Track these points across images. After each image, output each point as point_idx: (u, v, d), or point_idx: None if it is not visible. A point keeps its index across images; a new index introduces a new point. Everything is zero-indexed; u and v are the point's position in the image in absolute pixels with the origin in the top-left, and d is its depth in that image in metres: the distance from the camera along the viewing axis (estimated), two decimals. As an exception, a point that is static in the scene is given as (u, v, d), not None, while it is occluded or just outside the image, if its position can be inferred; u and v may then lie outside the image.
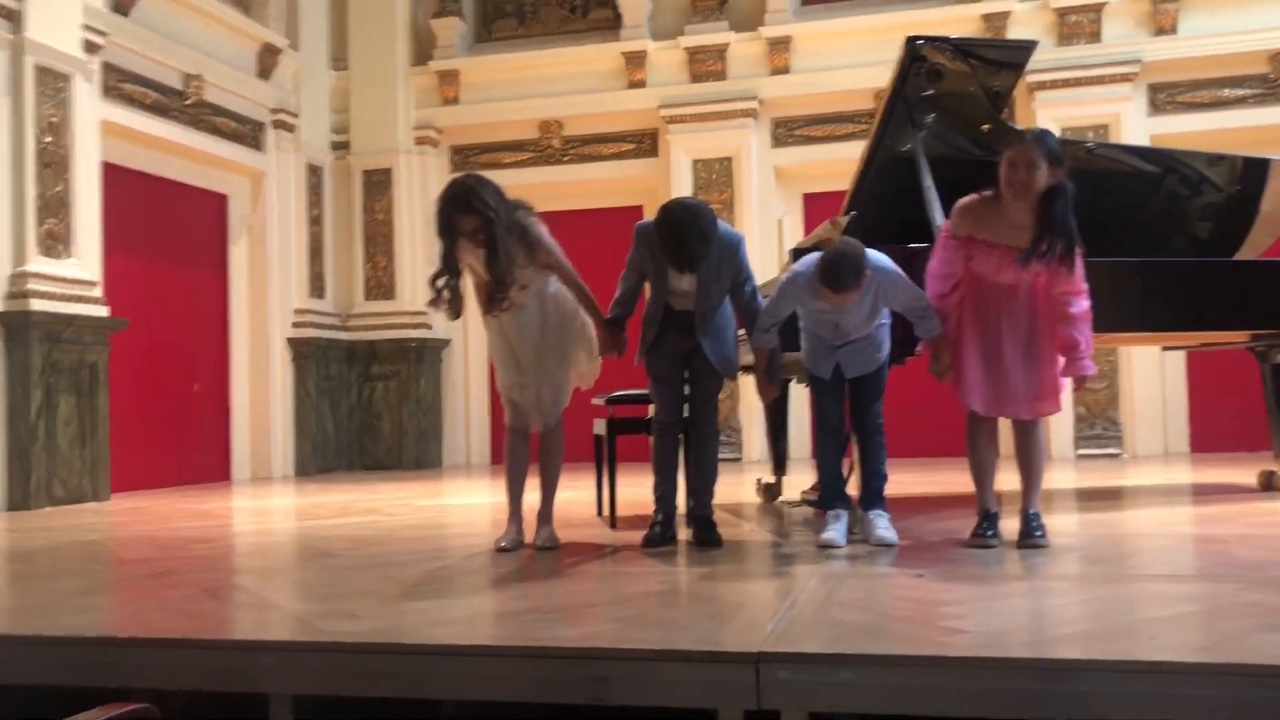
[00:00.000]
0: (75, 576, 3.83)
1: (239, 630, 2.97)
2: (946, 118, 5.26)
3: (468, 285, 4.09)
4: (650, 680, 2.41)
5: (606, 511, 4.96)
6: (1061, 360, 3.87)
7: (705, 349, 4.12)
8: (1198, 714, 2.16)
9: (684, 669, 2.40)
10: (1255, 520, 4.54)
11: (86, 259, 7.16)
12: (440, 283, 3.94)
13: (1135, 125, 8.94)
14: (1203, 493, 5.94)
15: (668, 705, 2.43)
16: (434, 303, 3.98)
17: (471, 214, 3.85)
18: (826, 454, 4.20)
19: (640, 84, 9.95)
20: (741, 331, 4.30)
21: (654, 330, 4.19)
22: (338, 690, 2.59)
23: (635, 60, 9.97)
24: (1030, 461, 3.94)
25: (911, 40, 4.76)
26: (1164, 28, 9.01)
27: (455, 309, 4.01)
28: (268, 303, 9.39)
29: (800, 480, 6.02)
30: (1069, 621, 2.67)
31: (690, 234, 3.88)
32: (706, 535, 4.15)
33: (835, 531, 4.01)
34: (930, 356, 4.00)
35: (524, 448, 4.27)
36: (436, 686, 2.54)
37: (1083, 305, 3.80)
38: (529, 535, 4.21)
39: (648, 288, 4.28)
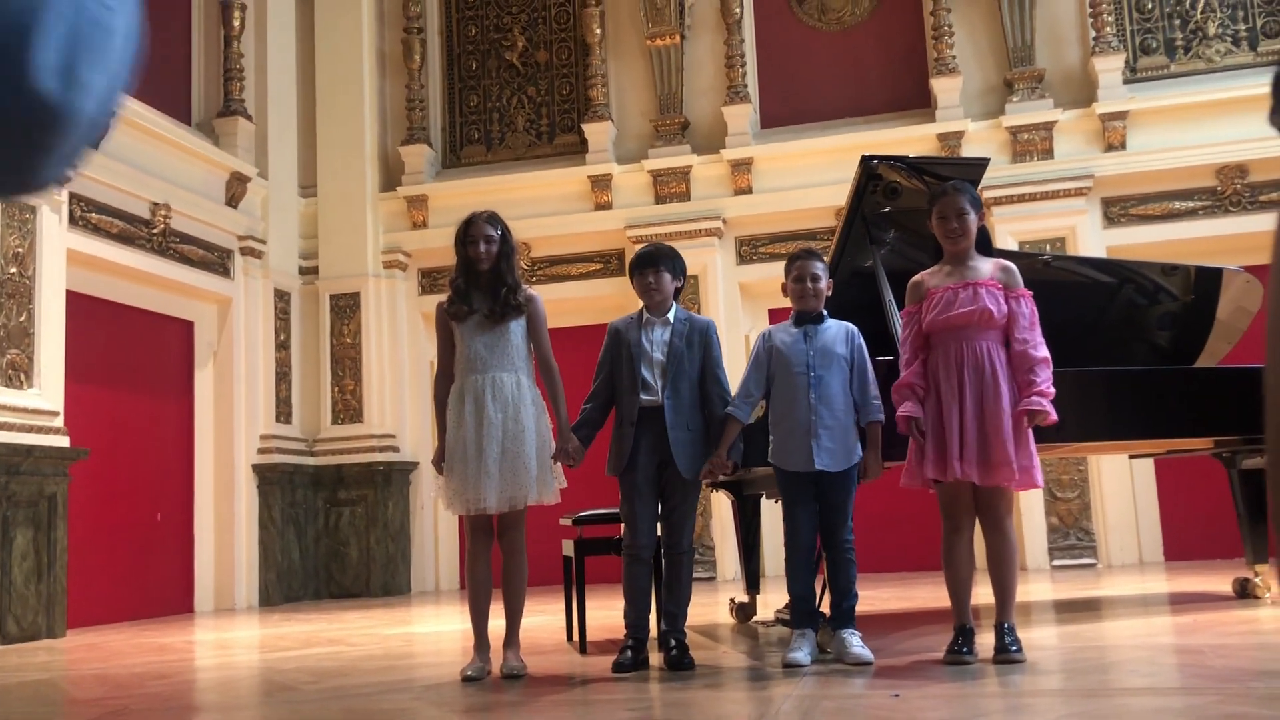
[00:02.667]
0: None
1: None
2: (905, 234, 5.36)
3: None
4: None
5: (576, 636, 4.85)
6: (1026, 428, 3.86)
7: (676, 459, 4.11)
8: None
9: (652, 803, 2.31)
10: (1229, 629, 4.49)
11: (48, 389, 7.09)
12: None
13: (1091, 238, 9.15)
14: (1179, 601, 5.89)
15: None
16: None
17: (493, 225, 4.19)
18: (797, 574, 4.14)
19: (606, 205, 10.11)
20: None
21: (628, 441, 4.17)
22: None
23: (601, 183, 10.15)
24: (1002, 569, 3.89)
25: (867, 159, 4.87)
26: (1113, 144, 9.29)
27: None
28: (233, 429, 9.30)
29: (775, 599, 5.93)
30: (1047, 741, 2.60)
31: (659, 246, 4.41)
32: (679, 659, 4.06)
33: (801, 652, 3.93)
34: (866, 450, 4.06)
35: (486, 568, 4.18)
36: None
37: (1041, 351, 3.84)
38: (496, 663, 4.10)
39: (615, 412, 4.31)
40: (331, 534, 9.99)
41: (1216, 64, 9.37)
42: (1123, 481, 8.97)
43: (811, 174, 9.53)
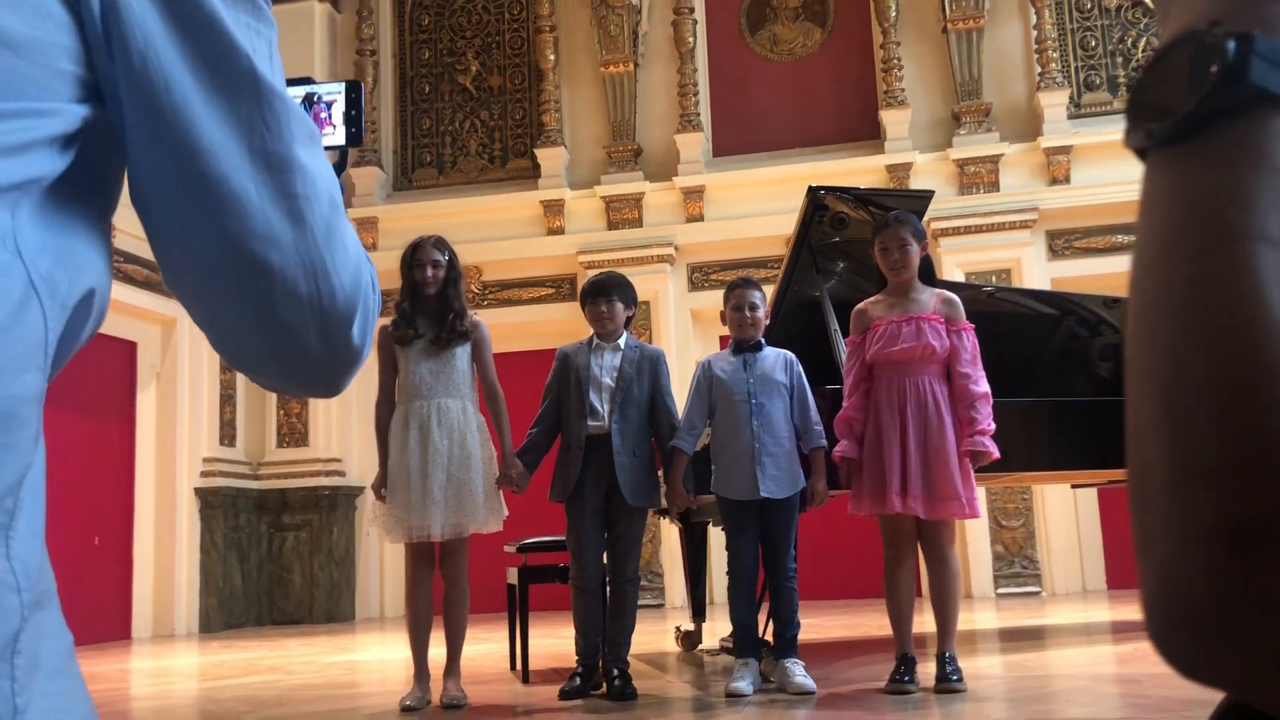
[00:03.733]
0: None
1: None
2: (853, 263, 5.40)
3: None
4: None
5: (519, 665, 4.80)
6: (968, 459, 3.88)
7: (622, 486, 4.09)
8: None
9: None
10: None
11: (-17, 409, 6.92)
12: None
13: (1035, 269, 9.28)
14: (1120, 630, 5.95)
15: None
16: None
17: (440, 250, 4.14)
18: (739, 602, 4.13)
19: (559, 231, 10.11)
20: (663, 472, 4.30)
21: (575, 467, 4.15)
22: None
23: (553, 208, 10.15)
24: (944, 598, 3.90)
25: (813, 190, 4.90)
26: (1058, 178, 9.45)
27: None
28: (176, 451, 9.14)
29: (722, 627, 5.91)
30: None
31: (611, 275, 4.43)
32: (622, 689, 4.03)
33: (744, 681, 3.92)
34: (810, 474, 4.07)
35: (427, 596, 4.13)
36: None
37: (982, 386, 3.86)
38: (437, 692, 4.04)
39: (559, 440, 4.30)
40: (275, 559, 9.83)
41: (1158, 101, 9.55)
42: (1067, 511, 9.08)
43: (762, 202, 9.59)
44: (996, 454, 3.85)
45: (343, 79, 10.64)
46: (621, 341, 4.31)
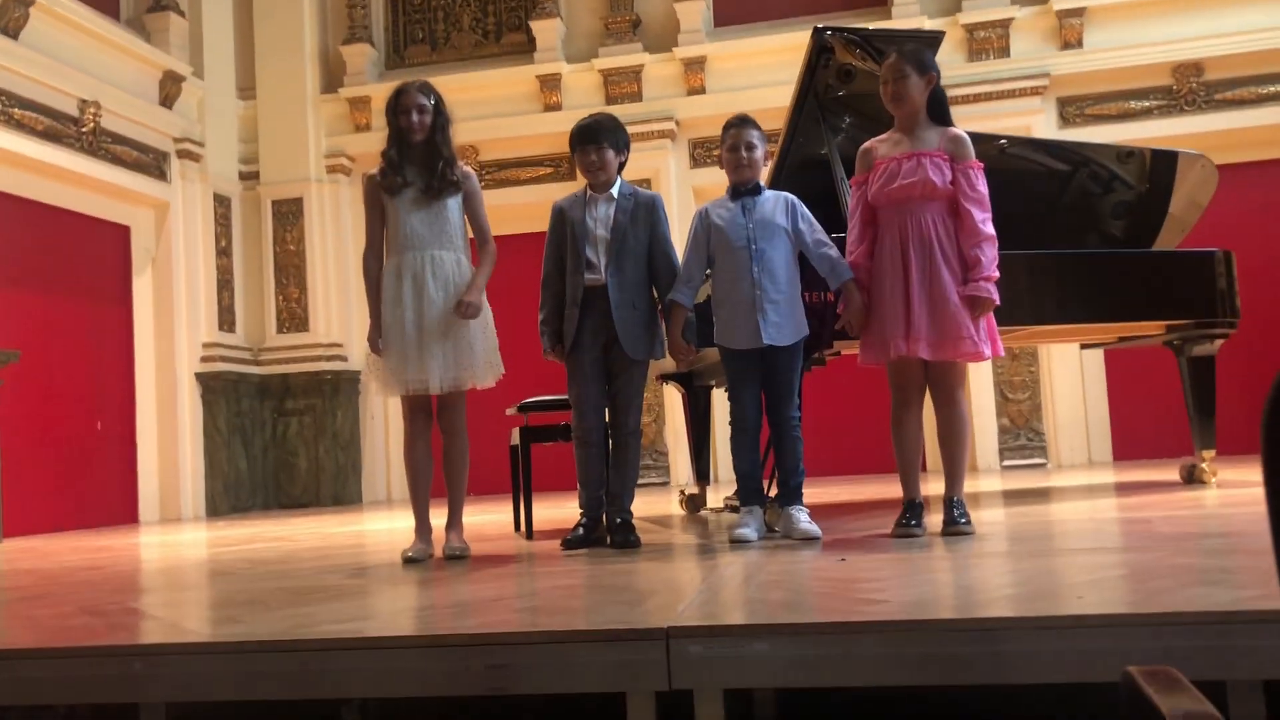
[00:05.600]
0: (-59, 604, 3.54)
1: (106, 640, 2.72)
2: (860, 119, 5.21)
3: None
4: (551, 665, 2.22)
5: (523, 526, 4.77)
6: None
7: (621, 338, 4.00)
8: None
9: (587, 650, 2.22)
10: (1179, 505, 4.50)
11: (-26, 289, 6.83)
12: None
13: (1047, 137, 9.03)
14: (1126, 488, 5.91)
15: (572, 691, 2.24)
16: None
17: (425, 94, 3.98)
18: (742, 452, 4.03)
19: (556, 107, 9.86)
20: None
21: (572, 323, 4.06)
22: (214, 695, 2.36)
23: (550, 83, 9.89)
24: (952, 443, 3.82)
25: (819, 30, 4.72)
26: (1070, 42, 9.16)
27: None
28: (174, 337, 9.05)
29: (727, 488, 5.88)
30: (994, 588, 2.55)
31: (600, 119, 4.21)
32: (625, 538, 3.99)
33: (748, 528, 3.86)
34: (844, 306, 3.89)
35: (426, 449, 4.06)
36: (317, 685, 2.32)
37: (989, 228, 3.73)
38: (440, 547, 4.00)
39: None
40: (279, 444, 9.83)
41: (1174, -41, 9.22)
42: (1073, 383, 9.01)
43: (766, 73, 9.31)
44: (997, 300, 3.73)
45: (330, -47, 10.29)
46: (615, 190, 4.16)
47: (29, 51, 7.67)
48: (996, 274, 3.73)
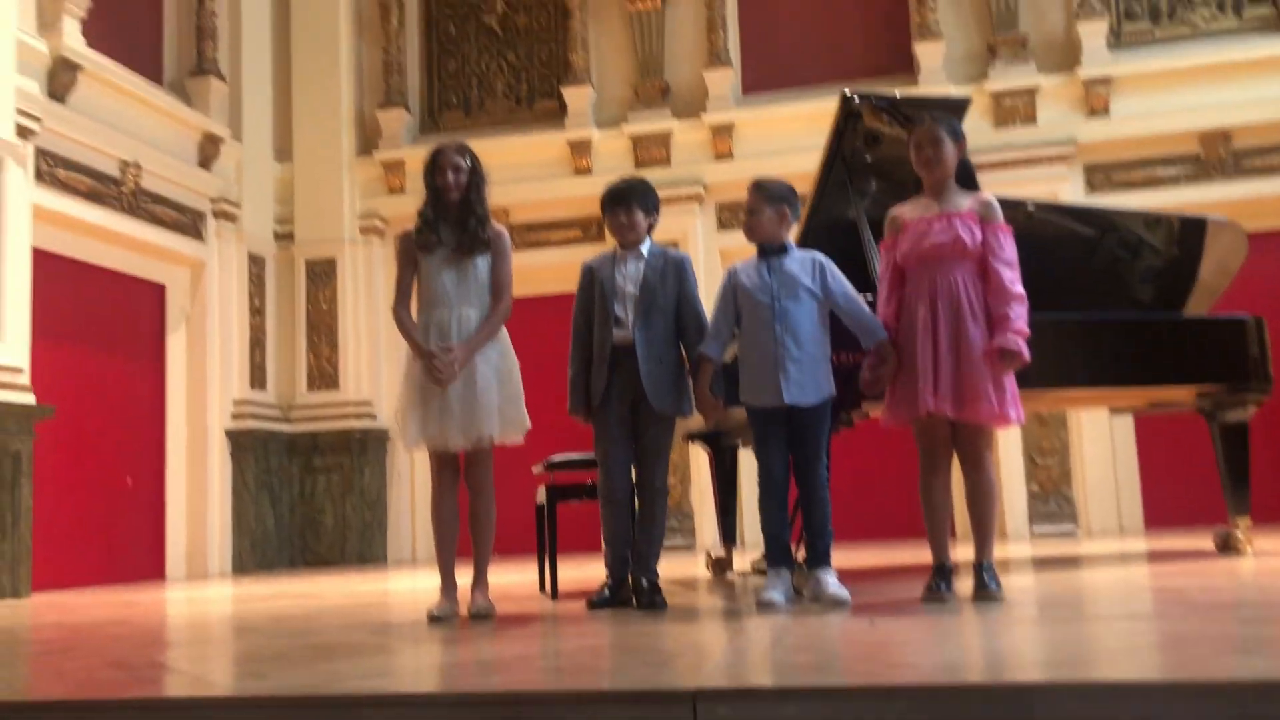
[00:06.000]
0: (-30, 655, 3.56)
1: (132, 694, 2.72)
2: (887, 184, 5.24)
3: None
4: (578, 725, 2.21)
5: (549, 586, 4.75)
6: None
7: (648, 393, 4.01)
8: (1165, 737, 2.00)
9: (613, 711, 2.20)
10: (1214, 573, 4.43)
11: (13, 345, 6.92)
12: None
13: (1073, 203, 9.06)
14: (1159, 555, 5.83)
15: (598, 752, 2.23)
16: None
17: (461, 155, 4.06)
18: (769, 513, 4.01)
19: (586, 171, 9.99)
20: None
21: (601, 379, 4.08)
22: (238, 750, 2.36)
23: (581, 148, 10.03)
24: (981, 506, 3.80)
25: (846, 97, 4.78)
26: (1097, 110, 9.21)
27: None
28: (206, 394, 9.14)
29: (754, 550, 5.85)
30: (1025, 653, 2.52)
31: (631, 181, 4.31)
32: (651, 599, 3.97)
33: (775, 591, 3.82)
34: (875, 364, 3.89)
35: (452, 506, 4.07)
36: (345, 740, 2.31)
37: (1018, 287, 3.74)
38: (465, 606, 3.99)
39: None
40: (307, 501, 9.86)
41: (1201, 29, 9.30)
42: (1103, 447, 8.92)
43: (793, 138, 9.39)
44: (1027, 356, 3.72)
45: (368, 20, 10.54)
46: (645, 249, 4.21)
47: (75, 115, 7.87)
48: (1027, 330, 3.73)
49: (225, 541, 9.09)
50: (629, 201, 4.21)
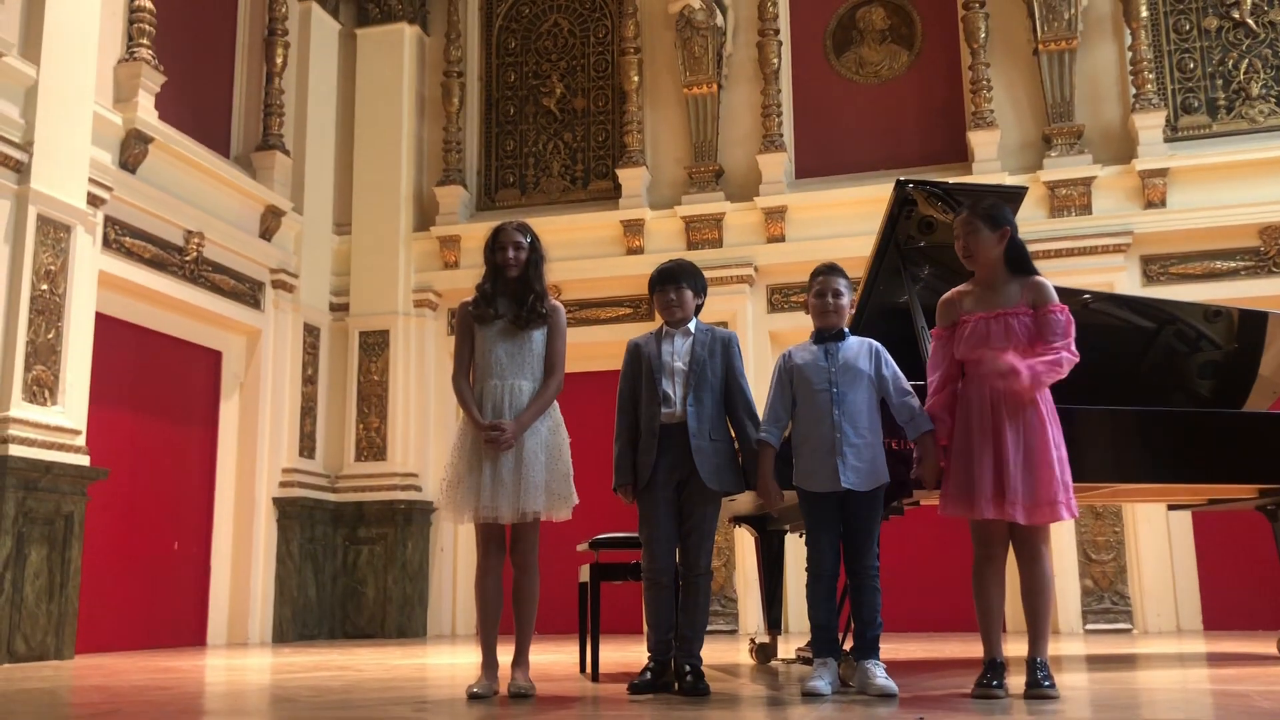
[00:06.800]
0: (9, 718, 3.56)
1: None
2: (940, 269, 5.23)
3: None
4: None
5: (590, 667, 4.68)
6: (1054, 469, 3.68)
7: (700, 470, 3.99)
8: None
9: (656, 799, 2.15)
10: (1276, 679, 4.26)
11: (71, 407, 7.05)
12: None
13: (1130, 294, 8.97)
14: (1219, 659, 5.64)
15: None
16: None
17: (522, 234, 4.15)
18: (818, 601, 3.96)
19: (638, 251, 10.08)
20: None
21: (650, 457, 4.06)
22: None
23: (634, 228, 10.13)
24: (1036, 600, 3.70)
25: (901, 183, 4.79)
26: (1153, 201, 9.17)
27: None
28: (256, 461, 9.23)
29: (799, 639, 5.74)
30: (1083, 758, 2.43)
31: (681, 263, 4.36)
32: (694, 685, 3.90)
33: (822, 681, 3.75)
34: (919, 459, 3.85)
35: (497, 582, 4.03)
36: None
37: (1067, 356, 3.68)
38: (505, 684, 3.94)
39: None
40: (349, 572, 9.86)
41: (1260, 124, 9.26)
42: (1160, 545, 8.71)
43: (845, 224, 9.44)
44: (1026, 382, 3.62)
45: (430, 100, 10.80)
46: (692, 327, 4.23)
47: (144, 185, 8.10)
48: (1052, 377, 3.67)
49: (267, 610, 9.09)
50: (679, 281, 4.24)
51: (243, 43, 9.88)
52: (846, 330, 4.09)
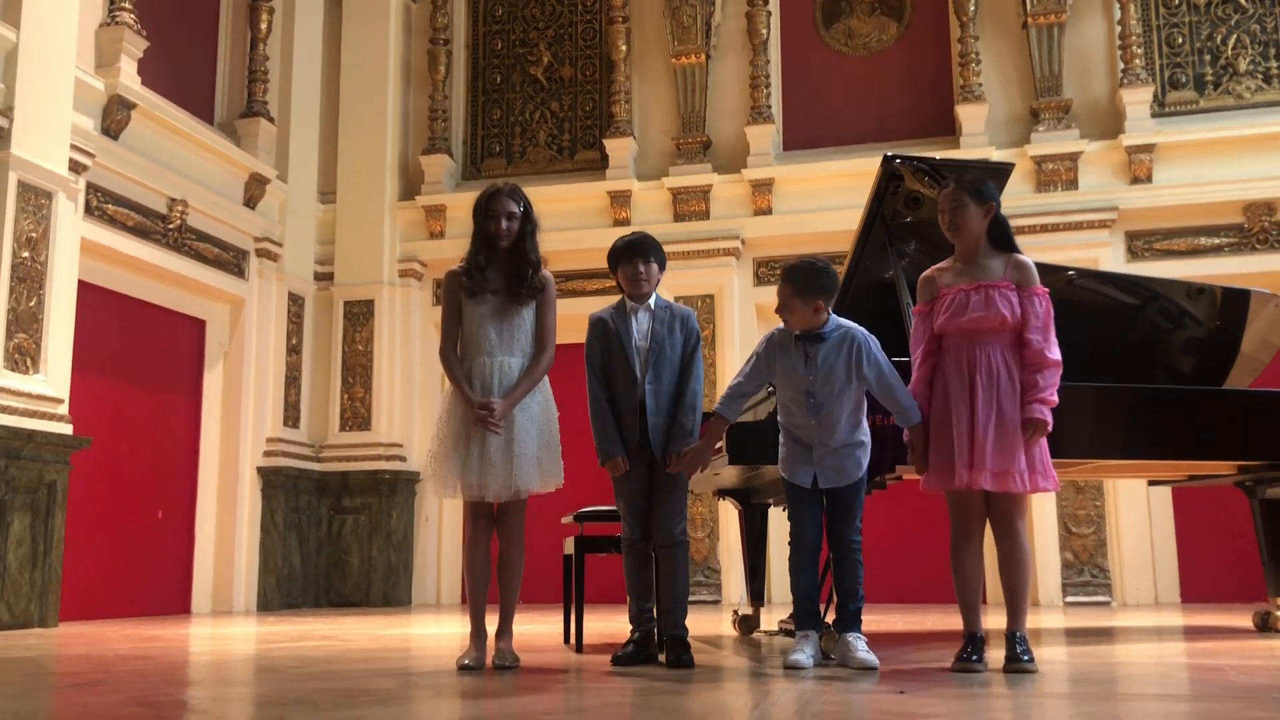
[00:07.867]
0: (-4, 686, 3.57)
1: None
2: (926, 245, 5.23)
3: None
4: (601, 785, 2.18)
5: (574, 638, 4.71)
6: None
7: (654, 447, 4.06)
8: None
9: (638, 772, 2.18)
10: (1253, 653, 4.33)
11: (54, 375, 7.02)
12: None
13: (1114, 270, 9.00)
14: (1196, 632, 5.71)
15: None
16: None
17: (515, 200, 3.99)
18: (800, 573, 3.97)
19: (625, 222, 10.04)
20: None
21: (632, 434, 4.09)
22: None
23: (620, 199, 10.11)
24: (1013, 575, 3.74)
25: (888, 158, 4.78)
26: (1139, 177, 9.18)
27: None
28: (240, 430, 9.22)
29: (781, 611, 5.78)
30: (1059, 732, 2.46)
31: (647, 236, 4.34)
32: (679, 657, 3.92)
33: (803, 653, 3.78)
34: (910, 447, 3.87)
35: (486, 555, 4.03)
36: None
37: (1053, 354, 3.70)
38: (491, 656, 3.96)
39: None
40: (334, 542, 9.87)
41: (1246, 100, 9.28)
42: (1140, 519, 8.79)
43: (833, 196, 9.44)
44: (1050, 424, 3.67)
45: (416, 68, 10.72)
46: (652, 302, 4.22)
47: (126, 151, 8.03)
48: (1054, 399, 3.69)
49: (251, 578, 9.11)
50: (647, 253, 4.22)
51: (227, 7, 9.77)
52: (826, 328, 3.96)
